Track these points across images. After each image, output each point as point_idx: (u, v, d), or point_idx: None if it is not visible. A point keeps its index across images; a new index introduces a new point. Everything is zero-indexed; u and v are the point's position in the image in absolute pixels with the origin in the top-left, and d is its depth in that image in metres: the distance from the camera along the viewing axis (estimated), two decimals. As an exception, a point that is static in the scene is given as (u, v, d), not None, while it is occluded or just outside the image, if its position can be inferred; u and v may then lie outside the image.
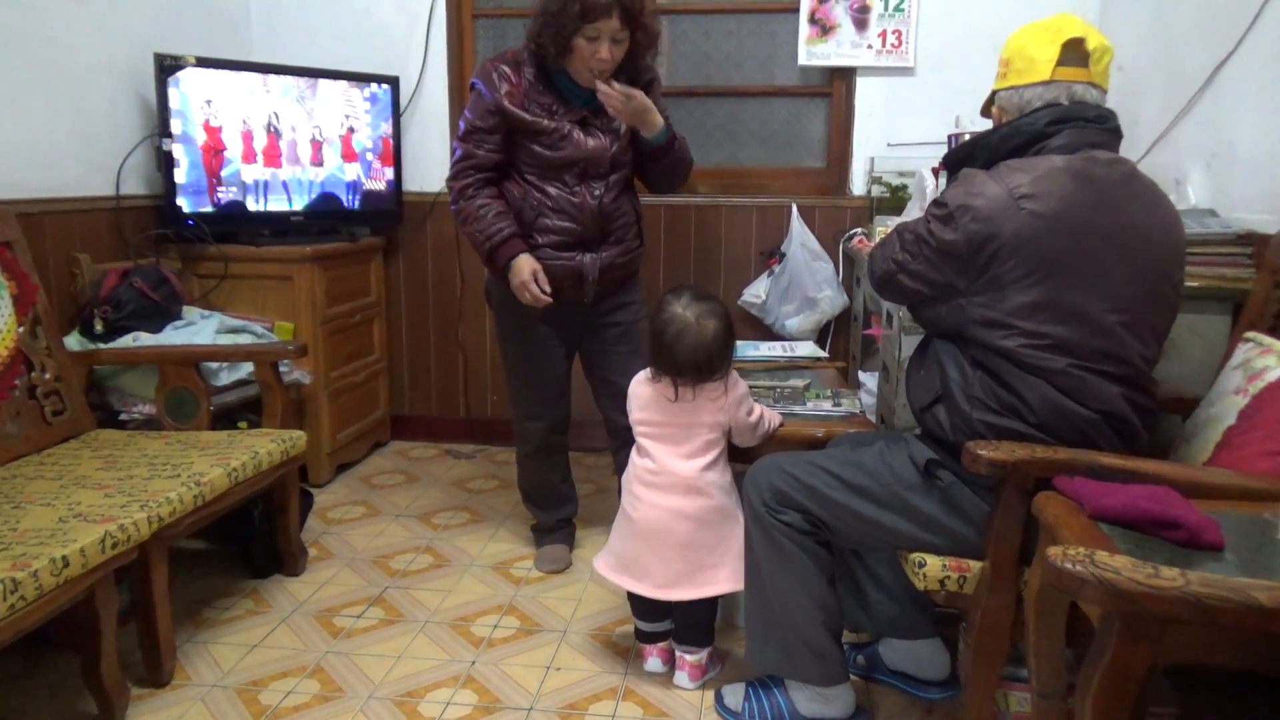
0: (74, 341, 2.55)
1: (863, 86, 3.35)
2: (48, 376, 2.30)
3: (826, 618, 1.79)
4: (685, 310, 1.94)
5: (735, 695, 1.93)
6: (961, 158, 1.74)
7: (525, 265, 2.32)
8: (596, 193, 2.38)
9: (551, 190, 2.37)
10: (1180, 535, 1.25)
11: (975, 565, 1.64)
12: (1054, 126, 1.61)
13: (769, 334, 3.38)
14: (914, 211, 2.71)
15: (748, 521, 1.85)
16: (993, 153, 1.67)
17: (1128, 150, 2.67)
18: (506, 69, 2.36)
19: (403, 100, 3.47)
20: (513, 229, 2.36)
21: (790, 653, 1.80)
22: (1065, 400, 1.57)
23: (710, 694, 1.99)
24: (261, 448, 2.25)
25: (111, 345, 2.55)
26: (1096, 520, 1.33)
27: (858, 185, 3.40)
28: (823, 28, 3.30)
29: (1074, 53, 1.63)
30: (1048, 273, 1.55)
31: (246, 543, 2.53)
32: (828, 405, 2.25)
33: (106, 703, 1.85)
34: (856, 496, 1.72)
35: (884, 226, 2.76)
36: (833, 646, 1.80)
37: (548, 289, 2.32)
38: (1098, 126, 1.62)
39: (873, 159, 3.32)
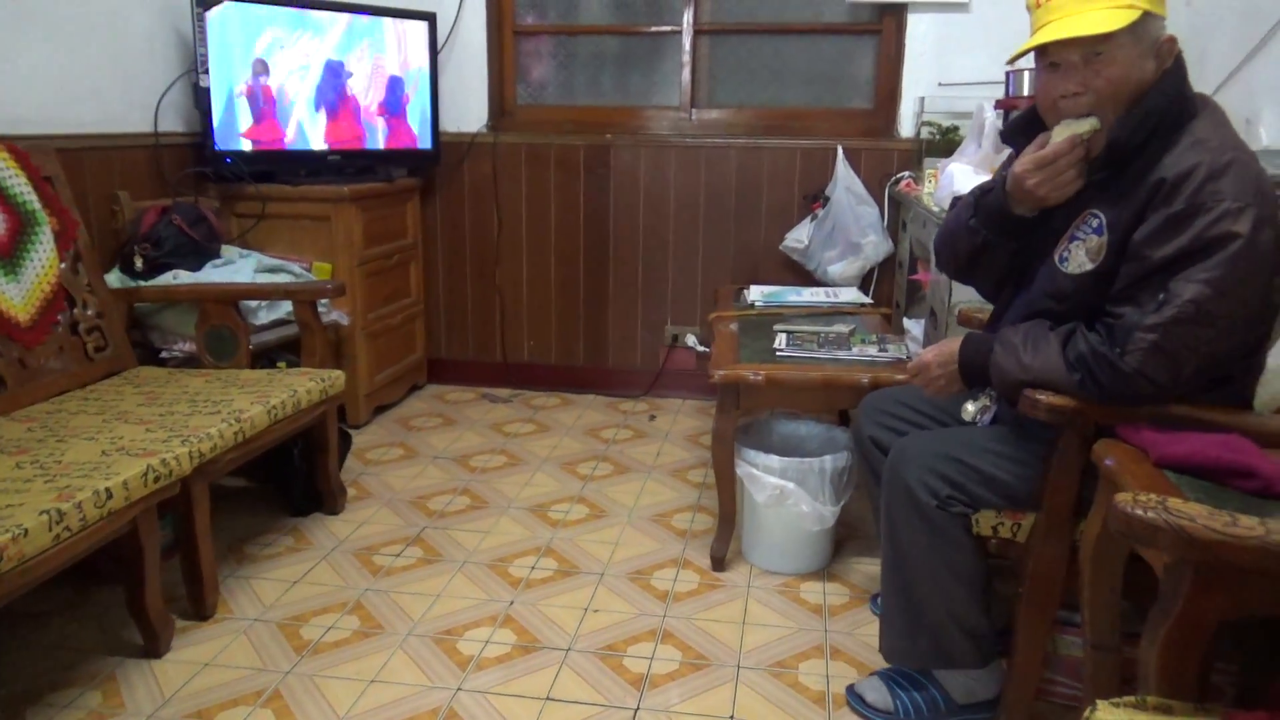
0: (114, 279, 2.55)
1: (914, 23, 3.22)
2: (89, 313, 2.30)
3: (982, 594, 1.63)
4: None
5: (878, 692, 1.74)
6: (1134, 137, 1.42)
7: None
8: None
9: None
10: (1254, 485, 1.20)
11: (1031, 515, 1.59)
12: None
13: (811, 280, 3.31)
14: (969, 152, 2.60)
15: (900, 520, 1.62)
16: (1160, 129, 1.41)
17: (1197, 87, 2.56)
18: None
19: (440, 37, 3.40)
20: None
21: (943, 643, 1.64)
22: None
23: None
24: (301, 386, 2.24)
25: (151, 283, 2.54)
26: (1162, 468, 1.28)
27: (906, 127, 3.29)
28: (874, -39, 3.17)
29: None
30: None
31: (286, 481, 2.54)
32: (873, 350, 2.20)
33: (151, 633, 1.88)
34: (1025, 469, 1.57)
35: (933, 170, 2.66)
36: (985, 621, 1.64)
37: None
38: None
39: (923, 99, 3.21)
